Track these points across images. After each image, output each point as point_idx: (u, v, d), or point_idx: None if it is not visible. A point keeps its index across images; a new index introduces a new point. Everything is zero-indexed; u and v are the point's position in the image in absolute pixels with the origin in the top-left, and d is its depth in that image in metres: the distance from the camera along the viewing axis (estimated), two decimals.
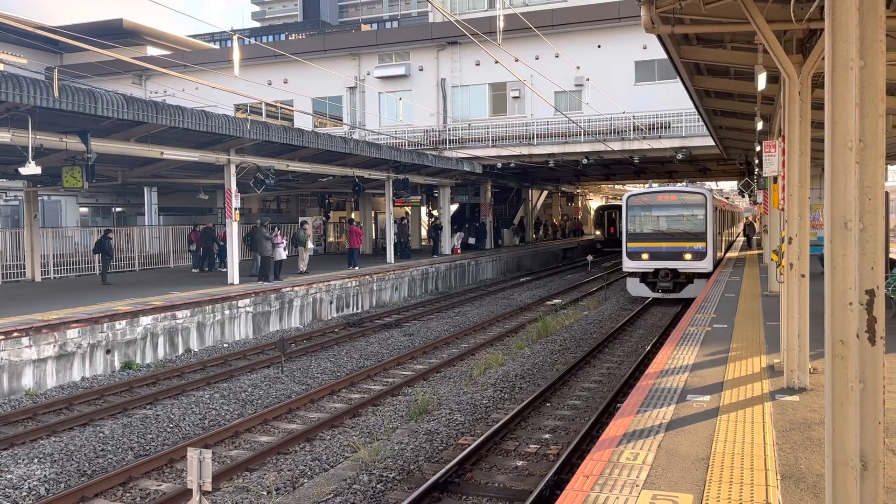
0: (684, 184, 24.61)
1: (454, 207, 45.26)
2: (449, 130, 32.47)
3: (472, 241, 34.86)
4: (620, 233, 40.70)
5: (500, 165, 31.15)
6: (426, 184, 31.62)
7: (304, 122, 35.31)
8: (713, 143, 23.59)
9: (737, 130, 18.24)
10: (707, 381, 8.27)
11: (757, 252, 30.56)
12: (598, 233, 46.10)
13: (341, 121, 35.25)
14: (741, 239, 46.73)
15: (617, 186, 61.31)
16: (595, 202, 59.98)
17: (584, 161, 30.30)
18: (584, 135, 29.55)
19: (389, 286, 23.28)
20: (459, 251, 33.59)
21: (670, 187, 23.51)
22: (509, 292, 26.38)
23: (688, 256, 21.17)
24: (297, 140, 18.79)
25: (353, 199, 38.21)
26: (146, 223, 29.80)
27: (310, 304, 19.14)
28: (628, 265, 21.92)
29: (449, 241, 31.99)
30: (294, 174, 23.48)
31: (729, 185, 75.80)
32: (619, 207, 43.86)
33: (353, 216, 36.86)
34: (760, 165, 16.92)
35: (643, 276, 21.74)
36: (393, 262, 26.47)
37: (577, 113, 30.50)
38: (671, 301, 22.00)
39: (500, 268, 33.03)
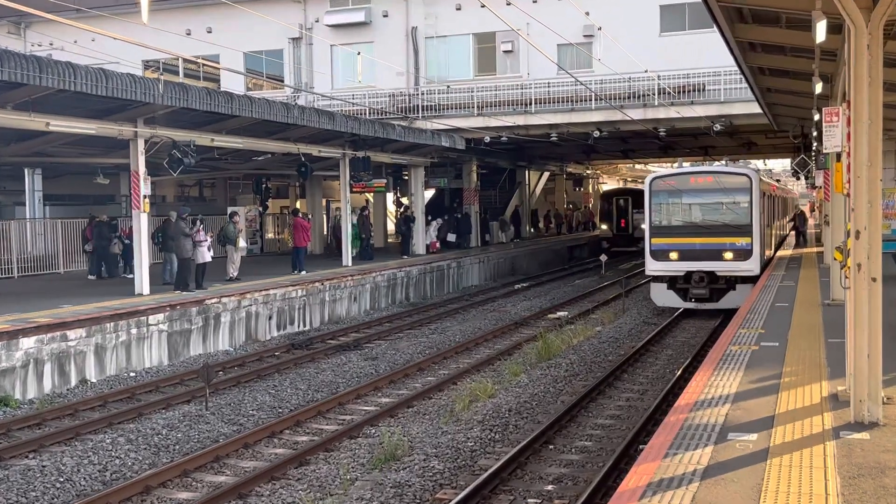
0: (723, 163, 24.87)
1: (429, 194, 45.38)
2: (422, 94, 32.47)
3: (451, 237, 34.97)
4: (634, 226, 41.81)
5: (487, 140, 31.24)
6: (393, 163, 31.64)
7: (234, 83, 35.02)
8: (759, 111, 23.86)
9: (789, 94, 18.45)
10: (753, 414, 8.31)
11: (816, 250, 31.02)
12: (603, 227, 43.39)
13: (282, 82, 35.04)
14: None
15: (638, 167, 61.86)
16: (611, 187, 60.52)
17: (596, 134, 30.50)
18: (596, 100, 29.75)
19: (346, 296, 23.30)
20: (438, 247, 33.73)
21: (706, 168, 23.64)
22: (501, 303, 26.50)
23: (728, 256, 21.41)
24: (225, 107, 18.64)
25: (299, 184, 38.10)
26: (27, 215, 29.41)
27: (242, 319, 19.12)
28: (653, 267, 22.10)
29: (423, 237, 32.11)
30: (221, 151, 23.40)
31: (780, 165, 76.91)
32: (630, 193, 43.93)
33: (298, 206, 36.74)
34: (819, 139, 17.17)
35: (672, 282, 21.96)
36: (351, 264, 26.49)
37: (587, 72, 30.68)
38: (707, 313, 22.24)
39: (488, 271, 33.26)
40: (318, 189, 34.58)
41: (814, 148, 24.26)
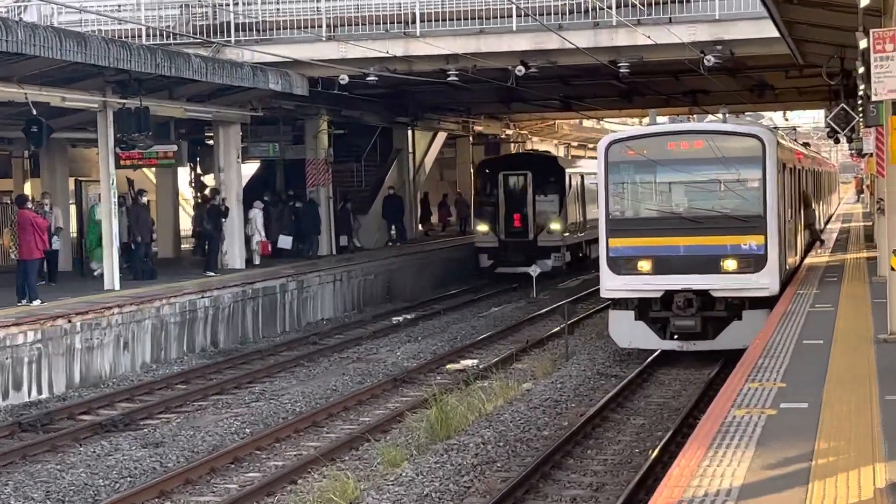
0: (721, 118, 25.41)
1: (251, 170, 44.88)
2: (237, 5, 32.11)
3: (286, 241, 34.77)
4: (540, 226, 41.08)
5: (345, 80, 31.13)
6: (189, 119, 31.44)
7: None
8: (775, 34, 24.48)
9: (820, 7, 19.03)
10: None
11: (865, 255, 32.01)
12: (481, 227, 41.07)
13: None
14: (839, 225, 48.73)
15: (589, 124, 62.73)
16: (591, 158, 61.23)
17: (520, 71, 30.79)
18: (520, 16, 30.01)
19: (110, 342, 22.88)
20: (269, 251, 33.59)
21: (693, 125, 23.86)
22: (370, 347, 26.52)
23: (730, 265, 21.84)
24: None
25: (29, 155, 37.10)
26: None
27: None
28: (612, 285, 22.35)
29: (241, 241, 31.79)
30: None
31: (810, 119, 79.50)
32: (528, 163, 42.67)
33: (26, 190, 35.78)
34: (867, 79, 17.66)
35: (642, 308, 22.25)
36: (118, 287, 26.01)
37: None
38: (698, 357, 22.56)
39: (350, 295, 33.33)
40: (63, 162, 33.80)
41: (860, 92, 24.98)
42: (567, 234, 40.64)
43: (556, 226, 40.02)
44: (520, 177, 40.76)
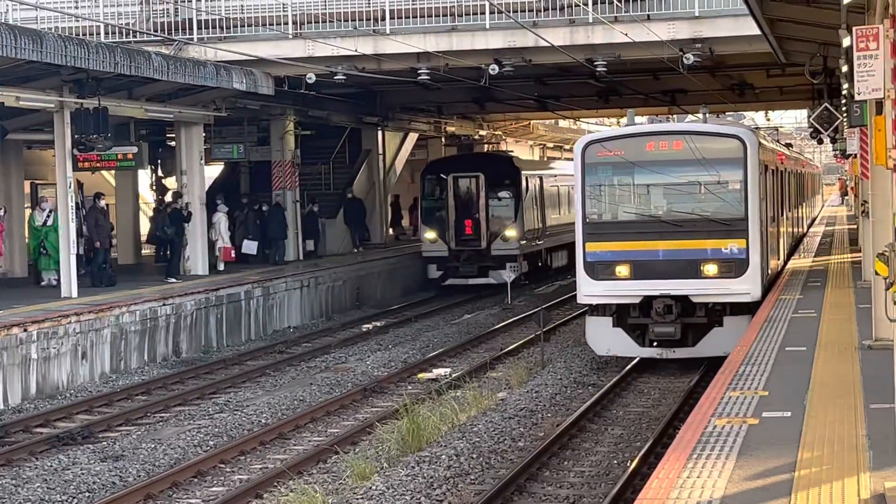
0: (701, 118, 25.51)
1: (215, 172, 44.72)
2: (200, 0, 32.00)
3: (251, 245, 34.65)
4: (493, 234, 39.67)
5: (312, 79, 31.10)
6: (150, 120, 31.37)
7: None
8: (757, 31, 24.58)
9: (803, 3, 19.11)
10: None
11: (851, 257, 32.19)
12: (428, 234, 39.15)
13: None
14: (824, 228, 48.98)
15: (565, 124, 62.82)
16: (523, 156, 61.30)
17: (494, 70, 30.83)
18: (494, 13, 30.06)
19: (68, 352, 22.81)
20: (234, 257, 33.57)
21: (673, 125, 23.86)
22: (339, 356, 26.56)
23: (710, 270, 21.92)
24: None
25: None
26: None
27: None
28: (589, 290, 22.41)
29: (203, 246, 31.81)
30: None
31: (793, 119, 79.98)
32: (481, 164, 41.08)
33: None
34: (850, 77, 17.76)
35: (620, 315, 22.33)
36: (76, 295, 25.90)
37: None
38: (677, 365, 22.70)
39: (317, 302, 33.40)
40: (17, 164, 33.60)
41: (844, 92, 25.12)
42: (524, 241, 39.57)
43: (511, 233, 38.98)
44: (471, 179, 39.42)
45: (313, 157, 41.59)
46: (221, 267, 32.97)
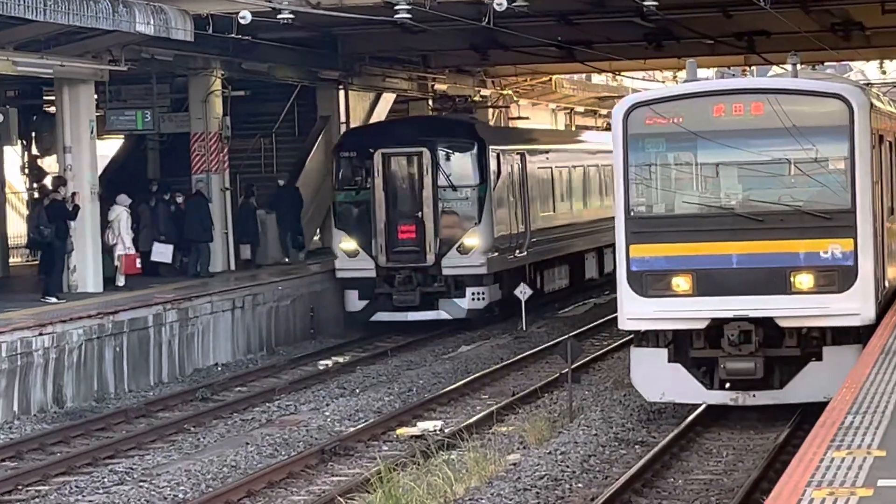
0: (788, 70, 25.49)
1: (112, 148, 44.47)
2: None
3: (164, 250, 34.52)
4: (444, 241, 36.48)
5: (247, 18, 30.99)
6: (21, 76, 31.64)
7: None
8: None
9: None
10: None
11: None
12: (344, 244, 37.12)
13: None
14: None
15: (599, 79, 62.69)
16: (546, 127, 61.24)
17: (501, 4, 30.77)
18: None
19: None
20: (139, 267, 33.41)
21: (751, 82, 23.59)
22: (286, 403, 26.63)
23: (804, 282, 21.88)
24: None
25: None
26: None
27: None
28: (635, 311, 22.38)
29: (94, 253, 31.82)
30: None
31: None
32: (418, 134, 38.46)
33: None
34: None
35: (677, 345, 22.35)
36: None
37: None
38: (759, 413, 22.67)
39: (255, 330, 33.51)
40: None
41: None
42: (494, 254, 37.05)
43: (473, 241, 36.39)
44: (411, 159, 36.95)
45: (249, 128, 41.60)
46: (122, 282, 32.91)
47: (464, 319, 35.63)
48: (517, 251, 38.95)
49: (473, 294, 36.23)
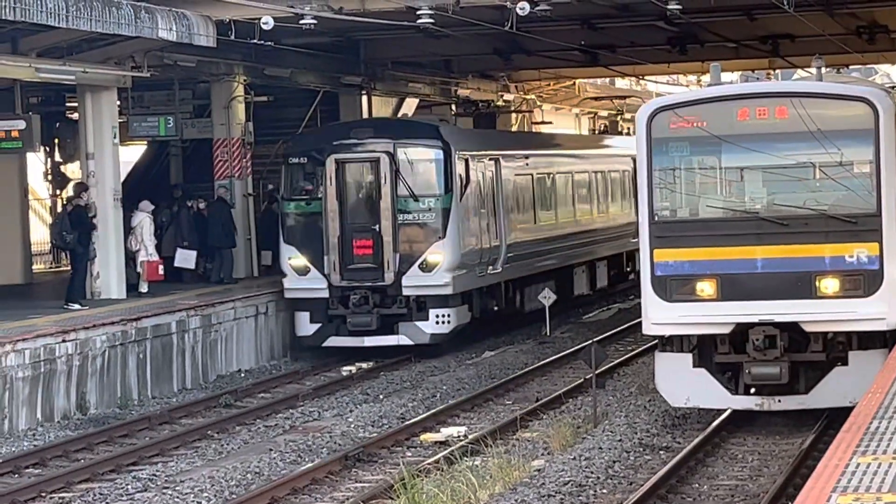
0: (814, 74, 25.42)
1: (134, 154, 44.52)
2: None
3: (187, 256, 34.41)
4: (404, 257, 33.02)
5: (270, 24, 30.98)
6: (44, 83, 31.66)
7: None
8: None
9: None
10: None
11: None
12: (294, 262, 34.12)
13: None
14: None
15: (622, 83, 62.57)
16: (565, 131, 61.16)
17: (524, 8, 30.74)
18: None
19: None
20: (162, 274, 33.49)
21: (775, 85, 23.49)
22: (310, 409, 26.67)
23: (829, 286, 21.81)
24: None
25: None
26: None
27: None
28: (659, 316, 22.41)
29: (118, 259, 31.86)
30: None
31: None
32: (375, 137, 34.95)
33: None
34: None
35: (702, 350, 22.33)
36: None
37: None
38: (785, 418, 22.64)
39: (278, 336, 33.70)
40: None
41: None
42: (462, 271, 34.19)
43: (437, 256, 33.50)
44: (366, 166, 34.11)
45: (272, 134, 41.51)
46: (145, 288, 32.94)
47: (427, 345, 32.90)
48: (490, 267, 35.87)
49: (437, 316, 33.23)
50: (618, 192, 46.98)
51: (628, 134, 56.97)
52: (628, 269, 47.14)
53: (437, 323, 32.69)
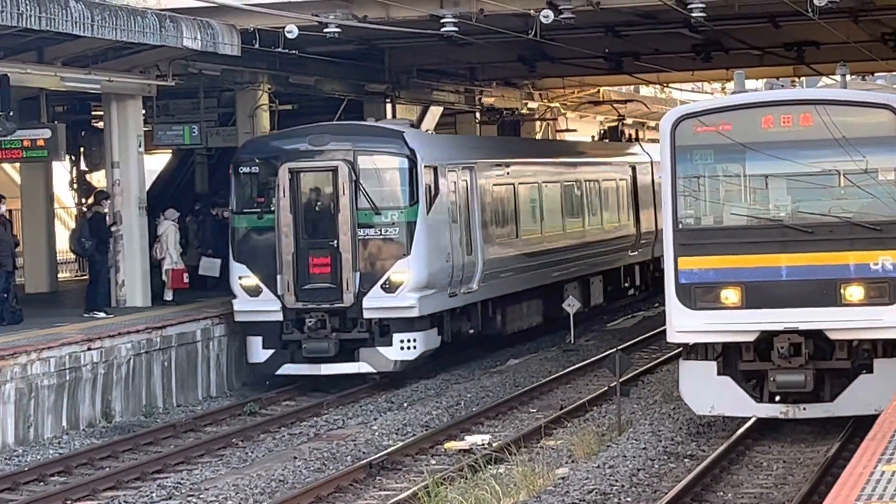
0: (838, 81, 25.38)
1: (159, 163, 44.57)
2: None
3: (209, 267, 34.22)
4: (367, 276, 30.37)
5: (294, 33, 30.96)
6: (69, 92, 31.73)
7: None
8: None
9: None
10: None
11: None
12: (245, 282, 30.98)
13: None
14: None
15: (647, 91, 62.45)
16: (588, 138, 61.06)
17: (548, 17, 30.71)
18: None
19: None
20: (187, 282, 33.74)
21: (800, 93, 23.49)
22: (334, 417, 26.72)
23: (854, 293, 21.77)
24: None
25: None
26: None
27: None
28: (684, 324, 22.34)
29: (142, 267, 32.02)
30: None
31: None
32: (333, 144, 31.95)
33: None
34: None
35: (726, 358, 22.26)
36: None
37: None
38: (810, 426, 22.58)
39: None
40: None
41: None
42: (431, 290, 31.47)
43: (401, 275, 30.73)
44: (324, 175, 31.37)
45: None
46: (170, 296, 32.93)
47: (395, 370, 30.32)
48: (464, 286, 33.17)
49: (402, 341, 30.33)
50: (613, 203, 45.16)
51: (629, 140, 56.50)
52: (626, 285, 46.19)
53: (402, 349, 30.04)
